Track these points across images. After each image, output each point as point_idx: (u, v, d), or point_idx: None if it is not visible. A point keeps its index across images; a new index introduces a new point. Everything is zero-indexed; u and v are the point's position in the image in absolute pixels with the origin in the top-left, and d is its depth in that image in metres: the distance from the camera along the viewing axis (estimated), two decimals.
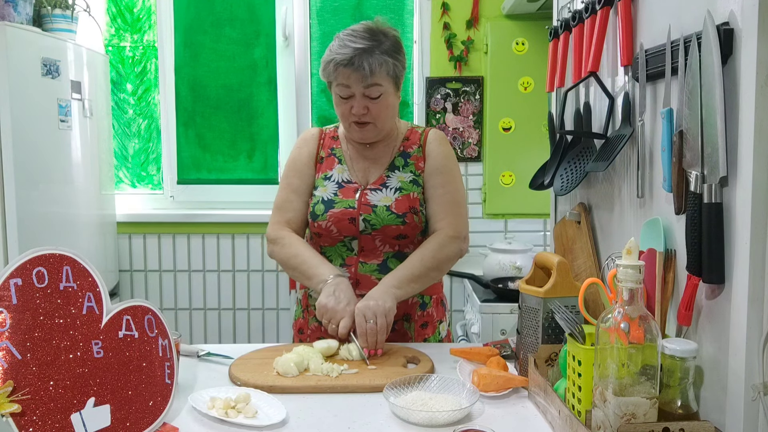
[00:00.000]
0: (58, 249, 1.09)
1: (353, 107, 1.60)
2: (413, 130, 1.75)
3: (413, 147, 1.71)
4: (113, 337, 1.11)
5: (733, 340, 0.97)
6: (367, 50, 1.56)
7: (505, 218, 3.07)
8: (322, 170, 1.71)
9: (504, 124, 3.01)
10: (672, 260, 1.13)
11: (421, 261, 1.59)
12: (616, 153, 1.31)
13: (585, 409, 1.05)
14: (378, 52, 1.57)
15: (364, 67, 1.55)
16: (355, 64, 1.55)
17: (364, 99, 1.59)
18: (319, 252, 1.68)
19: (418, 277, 1.58)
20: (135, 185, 3.26)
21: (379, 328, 1.46)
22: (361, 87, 1.57)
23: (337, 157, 1.72)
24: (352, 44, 1.56)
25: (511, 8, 2.85)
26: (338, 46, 1.58)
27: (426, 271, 1.59)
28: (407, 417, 1.17)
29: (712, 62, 0.97)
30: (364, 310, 1.47)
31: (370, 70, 1.55)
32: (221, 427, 1.16)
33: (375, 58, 1.56)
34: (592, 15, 1.43)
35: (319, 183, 1.70)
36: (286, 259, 1.66)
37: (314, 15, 3.11)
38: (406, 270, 1.58)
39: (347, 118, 1.63)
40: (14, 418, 1.00)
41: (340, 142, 1.75)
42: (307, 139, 1.77)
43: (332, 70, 1.58)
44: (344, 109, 1.62)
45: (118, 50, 3.18)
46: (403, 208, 1.63)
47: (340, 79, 1.58)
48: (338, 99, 1.62)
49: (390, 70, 1.59)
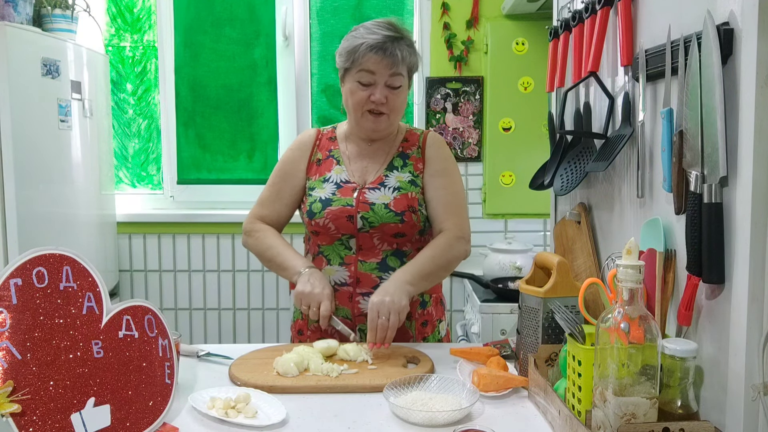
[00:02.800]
0: (58, 249, 1.09)
1: (373, 95, 1.60)
2: (412, 131, 1.76)
3: (412, 148, 1.72)
4: (113, 337, 1.11)
5: (733, 340, 0.97)
6: (396, 39, 1.60)
7: (505, 218, 3.07)
8: (320, 173, 1.71)
9: (504, 124, 3.01)
10: (672, 260, 1.13)
11: (433, 259, 1.60)
12: (616, 153, 1.31)
13: (585, 409, 1.05)
14: (405, 43, 1.61)
15: (396, 54, 1.57)
16: (387, 50, 1.57)
17: (385, 88, 1.60)
18: (317, 252, 1.69)
19: (429, 274, 1.59)
20: (135, 185, 3.26)
21: (391, 324, 1.47)
22: (386, 75, 1.59)
23: (336, 158, 1.72)
24: (382, 31, 1.59)
25: (511, 8, 2.85)
26: (365, 32, 1.60)
27: (437, 269, 1.60)
28: (407, 417, 1.17)
29: (712, 62, 0.97)
30: (378, 305, 1.48)
31: (402, 57, 1.58)
32: (221, 427, 1.16)
33: (404, 47, 1.60)
34: (592, 15, 1.43)
35: (316, 185, 1.69)
36: (261, 251, 1.71)
37: (314, 15, 3.11)
38: (419, 266, 1.58)
39: (362, 107, 1.63)
40: (14, 418, 1.00)
41: (338, 143, 1.75)
42: (303, 142, 1.77)
43: (362, 54, 1.58)
44: (361, 97, 1.62)
45: (118, 50, 3.18)
46: (401, 206, 1.62)
47: (368, 64, 1.58)
48: (356, 86, 1.62)
49: (413, 64, 1.64)
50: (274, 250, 1.68)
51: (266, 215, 1.75)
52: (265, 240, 1.70)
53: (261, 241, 1.71)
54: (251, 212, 1.77)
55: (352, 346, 1.47)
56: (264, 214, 1.75)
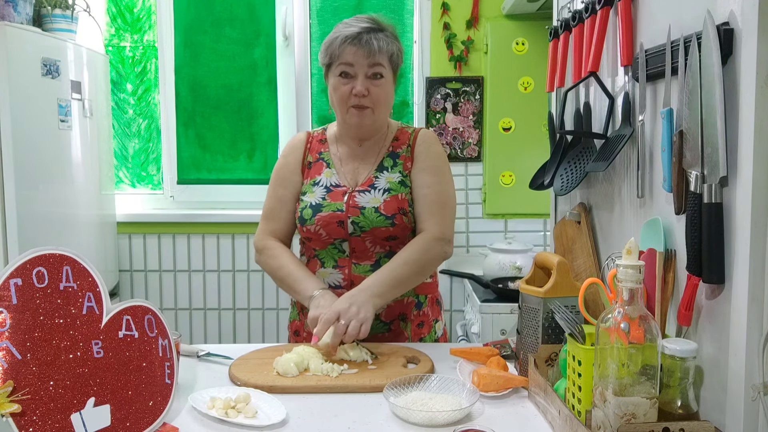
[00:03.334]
0: (58, 249, 1.09)
1: (354, 87, 1.60)
2: (403, 130, 1.74)
3: (402, 147, 1.70)
4: (113, 337, 1.11)
5: (733, 340, 0.97)
6: (373, 30, 1.61)
7: (505, 218, 3.07)
8: (310, 176, 1.70)
9: (504, 124, 3.01)
10: (672, 260, 1.13)
11: (406, 264, 1.57)
12: (616, 153, 1.31)
13: (585, 409, 1.05)
14: (383, 34, 1.62)
15: (372, 44, 1.58)
16: (362, 40, 1.58)
17: (366, 80, 1.60)
18: (311, 255, 1.68)
19: (402, 281, 1.57)
20: (135, 185, 3.26)
21: (349, 331, 1.44)
22: (365, 66, 1.59)
23: (326, 161, 1.71)
24: (359, 24, 1.61)
25: (511, 8, 2.85)
26: (343, 26, 1.63)
27: (410, 275, 1.58)
28: (407, 417, 1.17)
29: (712, 62, 0.97)
30: (341, 312, 1.46)
31: (378, 46, 1.59)
32: (221, 427, 1.16)
33: (381, 37, 1.61)
34: (592, 15, 1.43)
35: (307, 189, 1.68)
36: (272, 270, 1.68)
37: (314, 15, 3.11)
38: (390, 273, 1.55)
39: (346, 102, 1.62)
40: (14, 418, 1.00)
41: (328, 145, 1.74)
42: (294, 146, 1.76)
43: (338, 46, 1.59)
44: (344, 92, 1.61)
45: (118, 50, 3.18)
46: (391, 209, 1.61)
47: (345, 56, 1.59)
48: (338, 81, 1.62)
49: (393, 53, 1.63)
50: (284, 270, 1.64)
51: (276, 228, 1.71)
52: (276, 259, 1.66)
53: (273, 259, 1.67)
54: (260, 229, 1.73)
55: (351, 346, 1.47)
56: (274, 227, 1.71)
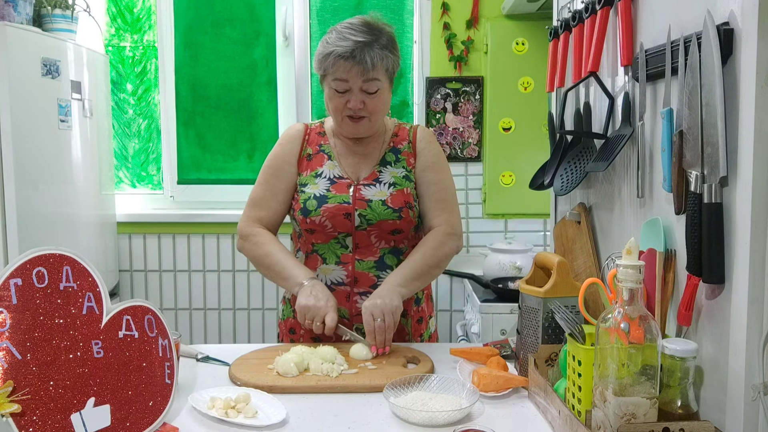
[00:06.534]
0: (58, 249, 1.09)
1: (349, 102, 1.58)
2: (401, 126, 1.74)
3: (403, 143, 1.70)
4: (113, 337, 1.11)
5: (733, 340, 0.97)
6: (367, 44, 1.55)
7: (505, 218, 3.07)
8: (311, 168, 1.68)
9: (504, 124, 3.01)
10: (672, 260, 1.13)
11: (423, 259, 1.60)
12: (616, 153, 1.31)
13: (585, 409, 1.05)
14: (377, 46, 1.56)
15: (366, 61, 1.53)
16: (356, 58, 1.53)
17: (361, 94, 1.57)
18: (310, 251, 1.67)
19: (421, 274, 1.60)
20: (135, 185, 3.26)
21: (387, 326, 1.47)
22: (359, 81, 1.56)
23: (326, 153, 1.70)
24: (353, 37, 1.55)
25: (511, 8, 2.85)
26: (337, 38, 1.56)
27: (428, 268, 1.61)
28: (407, 417, 1.17)
29: (712, 62, 0.97)
30: (371, 308, 1.48)
31: (372, 63, 1.54)
32: (221, 427, 1.16)
33: (376, 52, 1.55)
34: (592, 15, 1.43)
35: (309, 180, 1.67)
36: (258, 258, 1.65)
37: (314, 15, 3.11)
38: (410, 268, 1.58)
39: (341, 113, 1.61)
40: (14, 418, 1.00)
41: (327, 138, 1.72)
42: (292, 137, 1.73)
43: (331, 63, 1.55)
44: (339, 104, 1.59)
45: (118, 50, 3.18)
46: (398, 202, 1.62)
47: (339, 73, 1.56)
48: (333, 93, 1.59)
49: (389, 65, 1.59)
50: (272, 258, 1.62)
51: (263, 216, 1.69)
52: (262, 247, 1.64)
53: (259, 246, 1.65)
54: (246, 214, 1.71)
55: (361, 345, 1.48)
56: (261, 215, 1.69)
